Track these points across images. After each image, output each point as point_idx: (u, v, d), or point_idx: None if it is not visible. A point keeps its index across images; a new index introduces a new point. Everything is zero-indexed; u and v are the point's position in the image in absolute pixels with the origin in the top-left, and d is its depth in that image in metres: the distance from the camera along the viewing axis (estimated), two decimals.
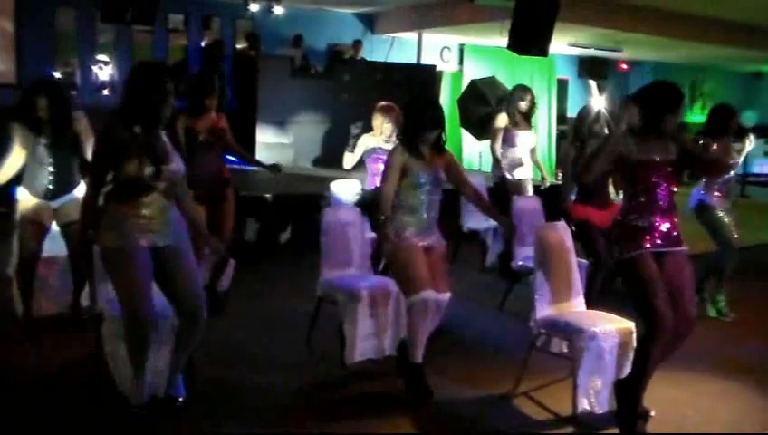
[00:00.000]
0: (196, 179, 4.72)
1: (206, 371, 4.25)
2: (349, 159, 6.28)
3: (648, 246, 3.92)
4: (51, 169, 5.01)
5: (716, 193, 6.20)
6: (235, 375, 4.60)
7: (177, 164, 3.80)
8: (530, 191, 7.48)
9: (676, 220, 4.01)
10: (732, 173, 6.31)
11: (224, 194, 5.70)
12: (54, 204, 5.08)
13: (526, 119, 7.38)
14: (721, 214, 6.18)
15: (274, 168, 5.95)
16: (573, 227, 5.28)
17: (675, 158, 3.99)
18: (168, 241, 3.79)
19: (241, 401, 4.22)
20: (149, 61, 3.65)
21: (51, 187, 5.04)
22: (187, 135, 5.15)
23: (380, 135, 6.11)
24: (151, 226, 3.73)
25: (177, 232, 3.85)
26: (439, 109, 4.60)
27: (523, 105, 7.30)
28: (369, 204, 5.99)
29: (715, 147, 6.03)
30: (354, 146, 6.23)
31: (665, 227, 3.96)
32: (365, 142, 6.20)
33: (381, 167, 5.80)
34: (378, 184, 5.89)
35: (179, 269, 3.83)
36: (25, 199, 5.06)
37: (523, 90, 7.34)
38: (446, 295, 4.53)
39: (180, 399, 3.99)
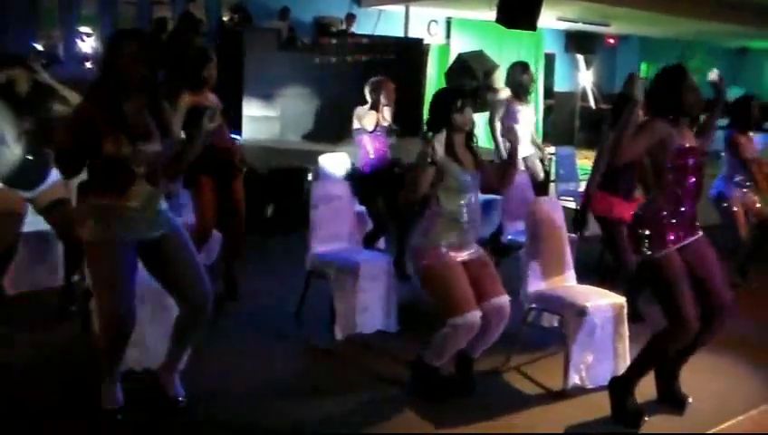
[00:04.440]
0: (208, 153, 4.40)
1: (191, 356, 3.91)
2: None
3: (673, 240, 3.71)
4: (22, 148, 4.47)
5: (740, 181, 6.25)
6: (222, 358, 4.49)
7: (158, 145, 3.44)
8: (539, 166, 7.32)
9: (696, 209, 3.83)
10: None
11: (235, 170, 5.44)
12: (29, 194, 4.68)
13: (526, 94, 7.25)
14: (736, 208, 6.23)
15: None
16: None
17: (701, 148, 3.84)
18: (161, 230, 3.51)
19: (228, 385, 4.12)
20: (125, 30, 3.28)
21: (19, 171, 4.52)
22: (196, 113, 4.82)
23: (379, 113, 5.82)
24: (139, 218, 3.42)
25: (169, 219, 3.57)
26: (467, 91, 4.03)
27: (523, 81, 7.16)
28: (356, 181, 5.91)
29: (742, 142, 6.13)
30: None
31: (689, 217, 3.78)
32: (362, 120, 5.87)
33: (370, 146, 5.81)
34: (370, 160, 5.84)
35: (179, 256, 3.55)
36: None
37: (522, 67, 7.15)
38: (505, 297, 4.02)
39: (181, 399, 3.70)
